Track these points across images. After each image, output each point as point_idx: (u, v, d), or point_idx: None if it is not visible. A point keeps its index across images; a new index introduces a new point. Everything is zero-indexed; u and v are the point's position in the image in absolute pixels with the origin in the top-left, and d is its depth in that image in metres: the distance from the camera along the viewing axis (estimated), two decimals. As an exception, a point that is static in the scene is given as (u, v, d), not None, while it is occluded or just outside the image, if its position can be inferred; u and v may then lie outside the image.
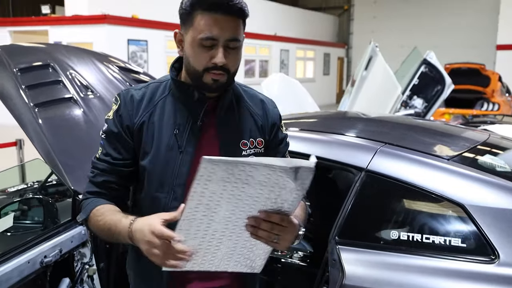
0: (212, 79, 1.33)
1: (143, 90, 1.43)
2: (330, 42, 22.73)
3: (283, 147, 1.55)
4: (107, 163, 1.40)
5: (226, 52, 1.31)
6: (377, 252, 1.67)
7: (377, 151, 1.84)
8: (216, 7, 1.28)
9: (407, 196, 1.74)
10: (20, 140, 4.77)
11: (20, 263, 1.67)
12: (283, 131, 1.55)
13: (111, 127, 1.40)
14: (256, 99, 1.52)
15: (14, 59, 2.88)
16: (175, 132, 1.38)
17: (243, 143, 1.44)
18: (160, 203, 1.38)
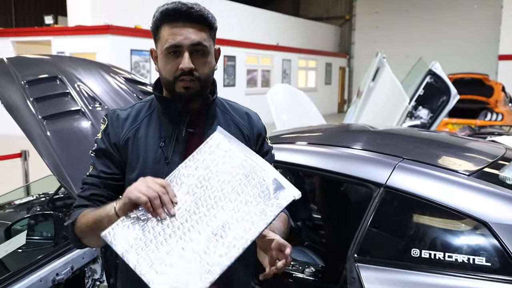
0: (183, 87, 1.37)
1: (129, 110, 1.49)
2: (331, 52, 22.78)
3: (269, 158, 1.55)
4: (97, 177, 1.44)
5: (193, 58, 1.36)
6: (398, 271, 1.62)
7: (396, 166, 1.80)
8: (177, 17, 1.35)
9: (428, 213, 1.70)
10: (25, 151, 4.73)
11: (33, 281, 1.64)
12: (268, 143, 1.59)
13: (100, 145, 1.45)
14: (241, 112, 1.57)
15: (22, 71, 2.86)
16: (161, 145, 1.42)
17: None
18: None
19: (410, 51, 18.61)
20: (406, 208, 1.73)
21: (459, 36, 19.71)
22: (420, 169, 1.80)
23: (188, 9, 1.34)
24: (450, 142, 2.45)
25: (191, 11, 1.34)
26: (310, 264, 2.75)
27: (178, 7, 1.35)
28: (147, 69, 12.43)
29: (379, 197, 1.74)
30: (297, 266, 2.73)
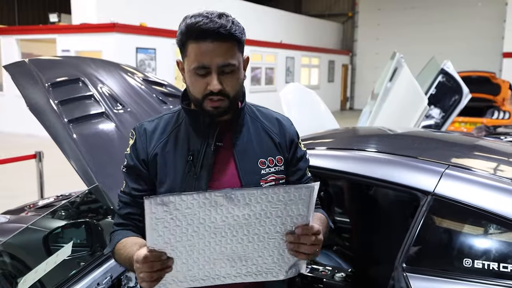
0: (211, 107, 1.34)
1: (156, 122, 1.47)
2: (334, 49, 22.73)
3: (303, 163, 1.54)
4: (129, 195, 1.44)
5: (222, 77, 1.32)
6: (449, 281, 1.59)
7: (443, 174, 1.77)
8: (205, 36, 1.29)
9: (478, 222, 1.67)
10: (39, 152, 4.70)
11: (77, 293, 1.60)
12: (301, 148, 1.55)
13: (129, 161, 1.44)
14: (271, 118, 1.53)
15: (45, 73, 2.83)
16: (189, 159, 1.40)
17: (261, 162, 1.44)
18: None
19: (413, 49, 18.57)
20: (456, 216, 1.70)
21: (463, 33, 19.67)
22: (468, 176, 1.77)
23: (217, 28, 1.28)
24: (489, 147, 2.42)
25: (219, 31, 1.28)
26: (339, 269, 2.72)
27: (206, 26, 1.28)
28: (152, 67, 12.38)
29: (427, 205, 1.71)
30: (326, 271, 2.70)
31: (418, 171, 1.85)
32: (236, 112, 1.43)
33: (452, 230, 1.71)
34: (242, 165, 1.41)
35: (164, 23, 12.61)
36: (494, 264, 1.57)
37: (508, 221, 1.59)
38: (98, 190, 2.14)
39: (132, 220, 1.45)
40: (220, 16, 1.31)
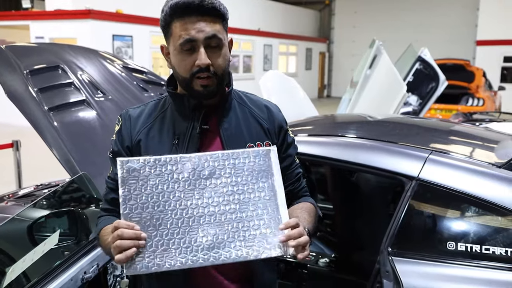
0: (201, 86, 1.33)
1: (142, 108, 1.47)
2: (312, 37, 22.76)
3: (292, 150, 1.54)
4: (114, 180, 1.41)
5: (209, 52, 1.31)
6: (434, 264, 1.63)
7: (427, 159, 1.80)
8: (189, 11, 1.29)
9: (462, 206, 1.71)
10: (16, 141, 4.60)
11: (64, 281, 1.59)
12: (290, 135, 1.56)
13: (114, 147, 1.44)
14: (260, 104, 1.53)
15: (23, 60, 2.77)
16: (174, 142, 1.39)
17: (249, 146, 1.43)
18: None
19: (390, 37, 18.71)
20: (440, 200, 1.74)
21: (438, 21, 19.89)
22: (452, 161, 1.81)
23: (200, 1, 1.28)
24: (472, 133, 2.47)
25: (203, 3, 1.29)
26: (323, 255, 2.76)
27: (189, 1, 1.28)
28: (129, 54, 12.20)
29: (412, 190, 1.74)
30: (310, 257, 2.74)
31: (402, 157, 1.88)
32: (223, 96, 1.42)
33: (436, 214, 1.75)
34: (230, 148, 1.39)
35: (141, 10, 12.41)
36: (477, 246, 1.61)
37: (490, 204, 1.63)
38: (82, 179, 2.11)
39: (116, 206, 1.39)
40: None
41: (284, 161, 1.50)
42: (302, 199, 1.54)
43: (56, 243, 1.70)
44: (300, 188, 1.55)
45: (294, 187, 1.52)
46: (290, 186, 1.51)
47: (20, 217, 1.92)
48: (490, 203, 1.63)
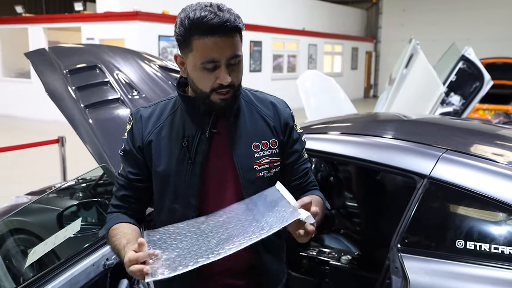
0: (220, 99, 1.37)
1: (153, 108, 1.51)
2: (358, 36, 22.49)
3: (298, 145, 1.56)
4: (125, 178, 1.50)
5: (230, 70, 1.35)
6: (442, 261, 1.64)
7: (440, 157, 1.81)
8: (213, 31, 1.30)
9: (473, 205, 1.71)
10: (62, 137, 4.86)
11: (86, 266, 1.71)
12: (297, 130, 1.57)
13: (126, 145, 1.49)
14: (266, 102, 1.55)
15: (64, 61, 2.94)
16: (183, 145, 1.43)
17: (254, 145, 1.47)
18: (177, 214, 1.44)
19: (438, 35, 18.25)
20: (451, 199, 1.74)
21: (491, 20, 19.18)
22: (465, 160, 1.80)
23: (224, 23, 1.29)
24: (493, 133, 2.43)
25: (226, 25, 1.30)
26: (346, 252, 2.79)
27: (212, 21, 1.28)
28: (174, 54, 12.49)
29: (423, 188, 1.75)
30: (333, 253, 2.76)
31: (415, 155, 1.89)
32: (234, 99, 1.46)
33: (446, 212, 1.75)
34: (236, 149, 1.44)
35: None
36: (486, 245, 1.61)
37: (501, 204, 1.62)
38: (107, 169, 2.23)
39: (127, 202, 1.51)
40: (220, 9, 1.31)
41: (290, 157, 1.54)
42: (309, 192, 1.57)
43: (78, 230, 1.83)
44: (308, 182, 1.59)
45: (300, 182, 1.57)
46: (297, 181, 1.56)
47: (51, 206, 2.07)
48: (501, 202, 1.62)
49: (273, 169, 1.49)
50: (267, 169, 1.48)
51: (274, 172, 1.49)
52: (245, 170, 1.44)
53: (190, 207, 1.43)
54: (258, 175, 1.46)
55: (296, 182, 1.56)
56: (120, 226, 1.44)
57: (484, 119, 5.86)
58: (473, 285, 1.56)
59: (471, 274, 1.58)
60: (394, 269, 1.71)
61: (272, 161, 1.49)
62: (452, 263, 1.62)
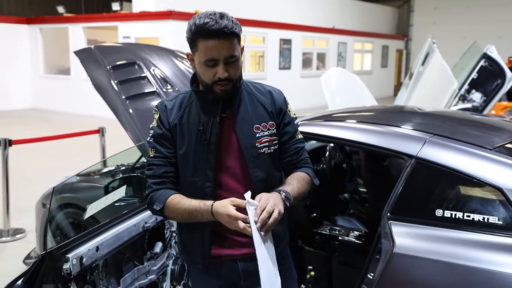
0: (220, 90, 1.69)
1: (173, 101, 1.83)
2: (388, 34, 22.49)
3: (290, 128, 1.87)
4: (161, 157, 1.78)
5: (227, 66, 1.66)
6: (424, 227, 1.95)
7: (426, 141, 2.11)
8: (212, 35, 1.61)
9: (452, 181, 2.00)
10: (102, 128, 5.31)
11: (129, 226, 2.09)
12: (290, 115, 1.89)
13: (157, 130, 1.79)
14: (264, 91, 1.87)
15: (107, 58, 3.33)
16: (200, 128, 1.75)
17: (255, 127, 1.79)
18: (197, 186, 1.76)
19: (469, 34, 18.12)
20: (433, 176, 2.03)
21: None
22: (448, 143, 2.10)
23: (221, 29, 1.60)
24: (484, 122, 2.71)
25: (223, 30, 1.61)
26: (354, 230, 3.11)
27: (212, 27, 1.60)
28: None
29: (411, 167, 2.06)
30: (343, 231, 3.09)
31: (405, 139, 2.20)
32: (235, 90, 1.77)
33: (429, 186, 2.05)
34: (241, 131, 1.76)
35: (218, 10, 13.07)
36: (460, 213, 1.91)
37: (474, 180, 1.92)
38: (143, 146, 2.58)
39: (169, 177, 1.79)
40: (222, 17, 1.63)
41: (283, 137, 1.87)
42: (300, 169, 1.90)
43: (123, 194, 2.22)
44: (299, 159, 1.90)
45: (292, 159, 1.89)
46: (289, 157, 1.88)
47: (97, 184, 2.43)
48: (474, 179, 1.92)
49: (272, 146, 1.82)
50: (267, 146, 1.80)
51: (273, 149, 1.82)
52: (249, 147, 1.77)
53: (207, 179, 1.75)
54: (260, 151, 1.78)
55: (288, 159, 1.88)
56: (177, 197, 1.75)
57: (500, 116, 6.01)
58: (448, 245, 1.87)
59: (447, 236, 1.89)
60: (384, 234, 2.03)
61: (271, 140, 1.82)
62: (432, 228, 1.93)
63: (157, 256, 2.32)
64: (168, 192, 1.77)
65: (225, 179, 1.78)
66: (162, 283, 2.42)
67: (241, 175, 1.79)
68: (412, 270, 1.89)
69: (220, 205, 1.63)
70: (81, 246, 1.76)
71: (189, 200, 1.71)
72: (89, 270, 1.83)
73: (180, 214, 1.73)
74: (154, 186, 1.79)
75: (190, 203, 1.69)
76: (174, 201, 1.73)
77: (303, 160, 1.92)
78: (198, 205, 1.68)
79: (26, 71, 15.25)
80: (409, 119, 2.66)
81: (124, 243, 2.05)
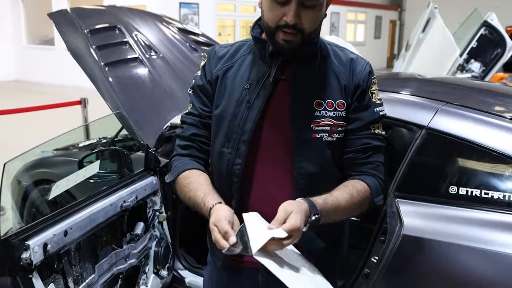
0: (283, 40, 1.28)
1: (228, 48, 1.47)
2: (382, 4, 22.05)
3: (367, 114, 1.39)
4: (196, 116, 1.45)
5: (302, 10, 1.24)
6: (436, 206, 1.73)
7: (438, 109, 1.88)
8: None
9: (467, 154, 1.79)
10: (84, 99, 5.03)
11: (105, 205, 1.86)
12: (372, 98, 1.40)
13: (198, 81, 1.46)
14: (344, 58, 1.42)
15: (85, 21, 3.05)
16: (246, 87, 1.37)
17: (317, 103, 1.35)
18: (225, 159, 1.39)
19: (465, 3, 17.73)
20: (447, 148, 1.81)
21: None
22: (463, 112, 1.87)
23: None
24: (497, 90, 2.48)
25: None
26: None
27: None
28: (195, 22, 12.54)
29: (421, 138, 1.84)
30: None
31: (415, 107, 1.97)
32: (305, 48, 1.34)
33: (442, 160, 1.83)
34: (296, 102, 1.34)
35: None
36: (477, 191, 1.69)
37: (494, 153, 1.70)
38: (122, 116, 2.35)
39: (197, 142, 1.46)
40: None
41: (352, 123, 1.39)
42: (361, 176, 1.40)
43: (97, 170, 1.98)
44: (365, 161, 1.41)
45: (356, 157, 1.40)
46: (351, 154, 1.40)
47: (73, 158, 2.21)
48: (492, 151, 1.70)
49: (336, 133, 1.36)
50: (327, 132, 1.35)
51: (336, 138, 1.36)
52: (300, 127, 1.34)
53: (238, 154, 1.37)
54: (314, 136, 1.34)
55: (350, 155, 1.40)
56: (191, 174, 1.41)
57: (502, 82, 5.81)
58: (463, 226, 1.66)
59: (462, 216, 1.68)
60: (390, 214, 1.82)
61: (336, 124, 1.36)
62: (445, 207, 1.72)
63: (138, 238, 2.11)
64: (187, 164, 1.43)
65: (262, 161, 1.39)
66: (145, 267, 2.22)
67: (283, 162, 1.38)
68: (423, 254, 1.68)
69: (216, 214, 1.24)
70: (45, 231, 1.52)
71: (198, 186, 1.36)
72: (56, 258, 1.60)
73: (186, 199, 1.40)
74: (178, 149, 1.48)
75: (196, 194, 1.35)
76: (186, 179, 1.40)
77: (370, 164, 1.41)
78: (200, 201, 1.33)
79: (7, 42, 14.76)
80: (417, 86, 2.42)
81: (99, 225, 1.83)
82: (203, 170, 1.45)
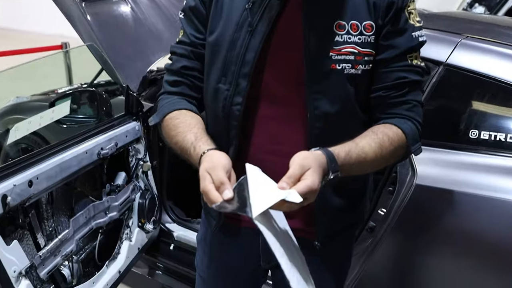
0: None
1: None
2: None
3: (402, 40, 1.09)
4: (187, 44, 1.20)
5: None
6: (453, 152, 1.54)
7: (458, 43, 1.65)
8: None
9: (491, 93, 1.58)
10: (65, 43, 4.73)
11: (79, 152, 1.64)
12: (410, 20, 1.10)
13: (190, 2, 1.19)
14: None
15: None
16: (247, 7, 1.09)
17: (338, 25, 1.06)
18: (222, 96, 1.14)
19: None
20: (467, 87, 1.61)
21: None
22: (486, 46, 1.65)
23: None
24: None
25: None
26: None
27: None
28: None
29: (438, 76, 1.62)
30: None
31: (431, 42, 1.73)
32: None
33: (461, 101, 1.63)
34: (311, 25, 1.07)
35: None
36: (502, 135, 1.49)
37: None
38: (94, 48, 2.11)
39: (188, 77, 1.21)
40: None
41: (382, 52, 1.10)
42: (391, 120, 1.13)
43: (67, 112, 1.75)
44: (398, 101, 1.13)
45: (387, 95, 1.12)
46: (382, 91, 1.12)
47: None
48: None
49: (362, 64, 1.08)
50: (351, 62, 1.07)
51: (362, 71, 1.08)
52: (315, 55, 1.07)
53: (238, 90, 1.12)
54: (333, 67, 1.06)
55: (380, 93, 1.12)
56: (180, 115, 1.17)
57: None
58: (486, 175, 1.47)
59: (484, 164, 1.49)
60: (400, 162, 1.62)
61: (362, 53, 1.07)
62: (464, 153, 1.53)
63: (119, 190, 1.91)
64: (176, 103, 1.19)
65: (266, 99, 1.14)
66: (128, 221, 2.03)
67: (293, 101, 1.12)
68: (439, 206, 1.50)
69: (209, 161, 0.99)
70: (4, 181, 1.30)
71: (188, 129, 1.12)
72: (21, 211, 1.39)
73: (173, 144, 1.16)
74: (166, 86, 1.23)
75: (185, 137, 1.10)
76: (173, 120, 1.16)
77: (406, 104, 1.13)
78: (190, 145, 1.08)
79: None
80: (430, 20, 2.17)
81: (72, 175, 1.61)
82: (195, 112, 1.20)
